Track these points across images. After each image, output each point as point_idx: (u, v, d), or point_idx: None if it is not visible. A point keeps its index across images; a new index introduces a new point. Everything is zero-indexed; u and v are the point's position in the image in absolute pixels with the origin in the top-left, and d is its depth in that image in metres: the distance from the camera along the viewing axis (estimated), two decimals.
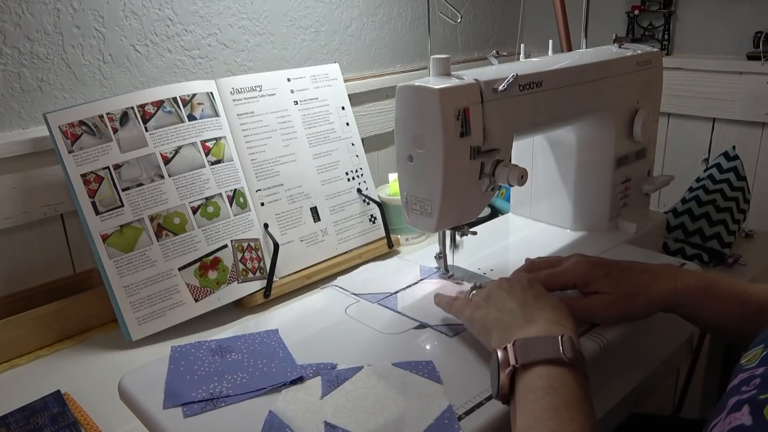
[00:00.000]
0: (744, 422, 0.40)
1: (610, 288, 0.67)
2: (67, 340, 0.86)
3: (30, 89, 0.88)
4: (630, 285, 0.67)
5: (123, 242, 0.85)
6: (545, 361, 0.53)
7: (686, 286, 0.67)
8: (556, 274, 0.70)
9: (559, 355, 0.53)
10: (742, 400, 0.42)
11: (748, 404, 0.41)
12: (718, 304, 0.66)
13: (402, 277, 0.83)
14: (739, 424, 0.40)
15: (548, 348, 0.53)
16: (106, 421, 0.69)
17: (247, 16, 1.09)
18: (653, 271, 0.69)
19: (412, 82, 0.67)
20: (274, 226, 0.98)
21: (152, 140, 0.88)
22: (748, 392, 0.43)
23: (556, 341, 0.54)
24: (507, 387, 0.54)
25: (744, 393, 0.43)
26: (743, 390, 0.44)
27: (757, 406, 0.41)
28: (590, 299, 0.68)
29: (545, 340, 0.54)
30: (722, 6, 1.33)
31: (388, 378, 0.61)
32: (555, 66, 0.78)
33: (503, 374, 0.54)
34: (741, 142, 1.35)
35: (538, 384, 0.51)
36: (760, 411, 0.40)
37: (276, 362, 0.65)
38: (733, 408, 0.43)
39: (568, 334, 0.55)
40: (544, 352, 0.53)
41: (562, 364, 0.53)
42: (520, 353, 0.54)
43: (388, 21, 1.32)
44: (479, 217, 0.80)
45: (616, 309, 0.67)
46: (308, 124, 1.04)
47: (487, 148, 0.70)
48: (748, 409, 0.41)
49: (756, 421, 0.40)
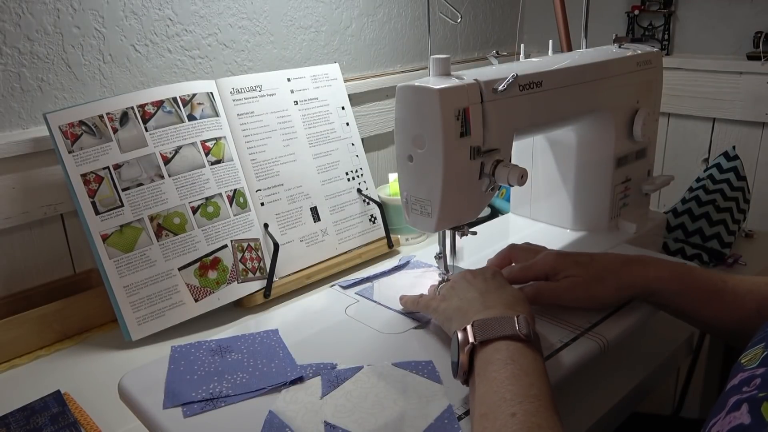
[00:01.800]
0: (743, 421, 0.40)
1: (578, 272, 0.69)
2: (67, 340, 0.86)
3: (30, 89, 0.88)
4: (599, 269, 0.69)
5: (123, 242, 0.85)
6: (503, 337, 0.56)
7: (659, 275, 0.68)
8: (527, 267, 0.72)
9: (515, 332, 0.56)
10: (742, 399, 0.42)
11: (747, 403, 0.41)
12: (694, 294, 0.67)
13: None
14: (738, 424, 0.41)
15: (505, 326, 0.57)
16: (106, 421, 0.69)
17: (247, 16, 1.09)
18: (626, 258, 0.70)
19: (412, 82, 0.67)
20: (274, 226, 0.98)
21: (152, 140, 0.88)
22: (748, 392, 0.43)
23: (512, 320, 0.57)
24: (467, 365, 0.56)
25: (744, 393, 0.43)
26: (744, 390, 0.44)
27: (756, 405, 0.41)
28: (558, 282, 0.70)
29: (502, 320, 0.57)
30: (722, 6, 1.33)
31: (388, 378, 0.61)
32: (555, 66, 0.78)
33: (463, 353, 0.56)
34: (741, 142, 1.35)
35: (497, 357, 0.54)
36: (758, 410, 0.40)
37: (276, 362, 0.65)
38: (732, 407, 0.43)
39: (523, 315, 0.58)
40: (501, 329, 0.56)
41: (519, 340, 0.56)
42: (479, 332, 0.57)
43: (388, 21, 1.32)
44: (479, 217, 0.80)
45: (583, 290, 0.68)
46: (308, 124, 1.04)
47: (487, 148, 0.70)
48: (747, 408, 0.41)
49: (754, 419, 0.40)
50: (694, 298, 0.67)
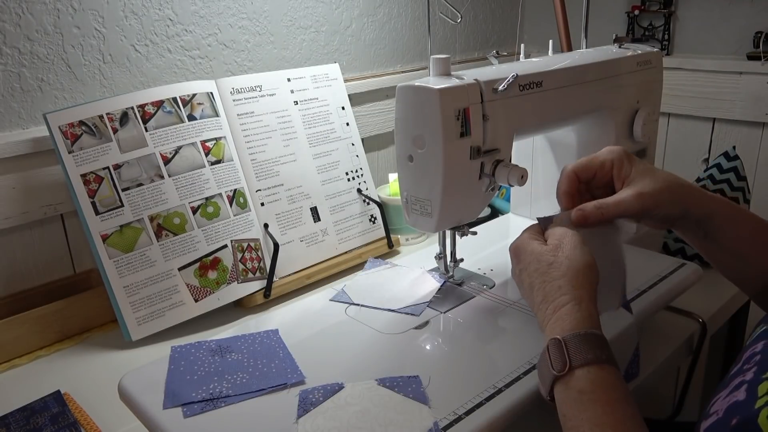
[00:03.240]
0: (738, 398, 0.41)
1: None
2: (67, 340, 0.86)
3: (30, 89, 0.88)
4: None
5: (123, 242, 0.85)
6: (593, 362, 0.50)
7: (717, 196, 0.63)
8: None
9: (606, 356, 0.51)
10: (745, 380, 0.43)
11: (747, 384, 0.42)
12: (744, 225, 0.62)
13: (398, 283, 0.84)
14: (734, 401, 0.41)
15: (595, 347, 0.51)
16: (106, 421, 0.69)
17: (247, 16, 1.09)
18: None
19: (412, 82, 0.67)
20: (274, 226, 0.98)
21: (152, 140, 0.88)
22: (749, 370, 0.44)
23: (601, 339, 0.52)
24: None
25: (746, 372, 0.44)
26: (745, 368, 0.44)
27: (754, 384, 0.41)
28: None
29: (591, 338, 0.51)
30: (722, 6, 1.33)
31: (373, 398, 0.58)
32: (555, 66, 0.78)
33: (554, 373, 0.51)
34: (741, 142, 1.34)
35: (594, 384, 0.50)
36: (754, 387, 0.41)
37: (276, 362, 0.65)
38: (736, 387, 0.43)
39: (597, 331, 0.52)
40: (592, 352, 0.51)
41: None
42: (574, 354, 0.51)
43: (388, 21, 1.32)
44: (479, 217, 0.80)
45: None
46: (308, 124, 1.04)
47: (487, 148, 0.70)
48: (746, 387, 0.42)
49: (750, 396, 0.40)
50: (743, 227, 0.62)
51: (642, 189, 0.61)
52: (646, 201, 0.61)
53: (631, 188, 0.61)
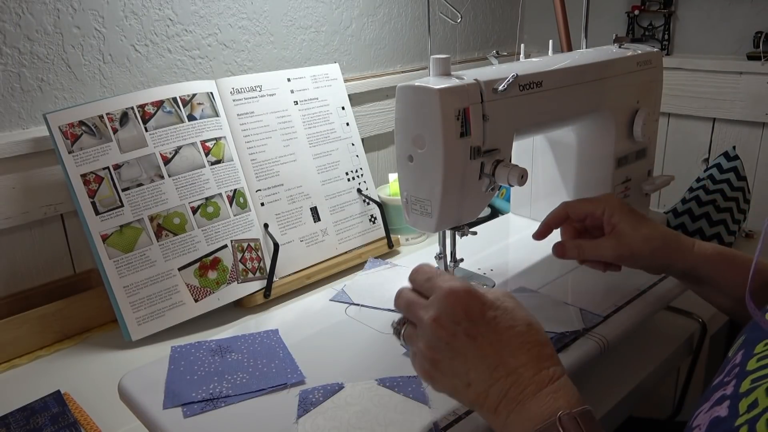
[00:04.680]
0: (720, 414, 0.41)
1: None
2: (67, 340, 0.86)
3: (30, 89, 0.88)
4: None
5: (123, 242, 0.85)
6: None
7: (704, 251, 0.68)
8: None
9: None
10: (726, 395, 0.43)
11: (729, 399, 0.42)
12: (735, 271, 0.66)
13: None
14: (716, 416, 0.41)
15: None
16: (106, 421, 0.69)
17: (247, 16, 1.09)
18: None
19: (412, 82, 0.67)
20: (274, 226, 0.98)
21: (152, 140, 0.88)
22: (729, 383, 0.44)
23: None
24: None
25: (727, 386, 0.44)
26: (725, 381, 0.45)
27: (735, 400, 0.41)
28: None
29: None
30: (722, 6, 1.33)
31: (373, 399, 0.59)
32: (555, 66, 0.78)
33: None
34: (741, 142, 1.34)
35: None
36: (736, 404, 0.41)
37: (276, 362, 0.65)
38: (717, 402, 0.43)
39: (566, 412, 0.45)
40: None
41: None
42: None
43: (388, 21, 1.32)
44: (479, 217, 0.80)
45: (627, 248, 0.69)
46: (308, 124, 1.04)
47: (487, 148, 0.70)
48: (728, 404, 0.42)
49: (731, 412, 0.40)
50: (736, 275, 0.66)
51: (621, 241, 0.69)
52: (622, 252, 0.69)
53: (613, 238, 0.69)
